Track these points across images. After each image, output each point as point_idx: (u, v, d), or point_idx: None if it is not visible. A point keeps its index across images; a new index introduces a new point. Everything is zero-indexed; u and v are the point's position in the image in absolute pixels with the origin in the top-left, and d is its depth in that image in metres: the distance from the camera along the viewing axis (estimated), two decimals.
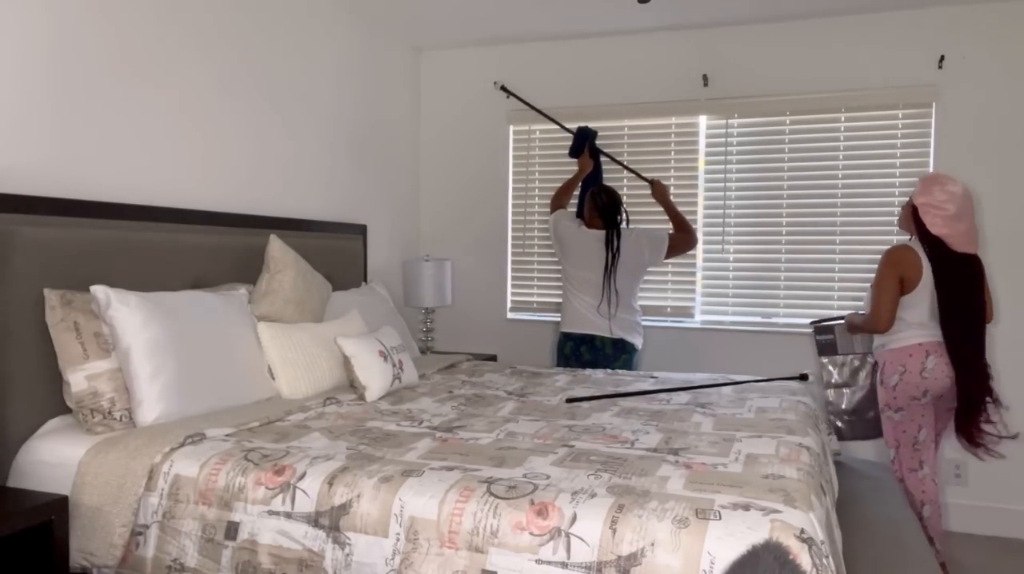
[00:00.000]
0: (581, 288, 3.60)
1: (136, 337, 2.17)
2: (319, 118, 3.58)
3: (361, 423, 2.30)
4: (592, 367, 3.59)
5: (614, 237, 3.54)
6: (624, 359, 3.56)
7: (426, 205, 4.57)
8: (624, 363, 3.57)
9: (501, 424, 2.31)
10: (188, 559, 1.82)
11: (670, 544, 1.49)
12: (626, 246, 3.54)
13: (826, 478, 2.10)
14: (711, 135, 4.01)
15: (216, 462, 1.89)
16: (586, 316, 3.58)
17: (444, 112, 4.48)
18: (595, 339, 3.58)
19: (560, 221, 3.73)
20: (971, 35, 3.58)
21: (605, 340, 3.55)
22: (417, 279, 4.00)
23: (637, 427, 2.29)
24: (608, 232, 3.55)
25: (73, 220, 2.25)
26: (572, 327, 3.61)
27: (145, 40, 2.58)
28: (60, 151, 2.30)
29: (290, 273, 2.81)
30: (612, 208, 3.59)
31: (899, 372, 2.92)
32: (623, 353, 3.56)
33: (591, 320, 3.57)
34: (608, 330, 3.54)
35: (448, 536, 1.63)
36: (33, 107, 2.21)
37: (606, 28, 4.00)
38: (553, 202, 3.88)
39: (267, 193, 3.24)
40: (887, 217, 3.73)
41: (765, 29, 3.88)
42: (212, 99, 2.90)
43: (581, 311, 3.59)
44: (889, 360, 2.96)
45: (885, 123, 3.73)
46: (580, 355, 3.62)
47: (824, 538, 1.53)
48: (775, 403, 2.66)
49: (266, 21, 3.18)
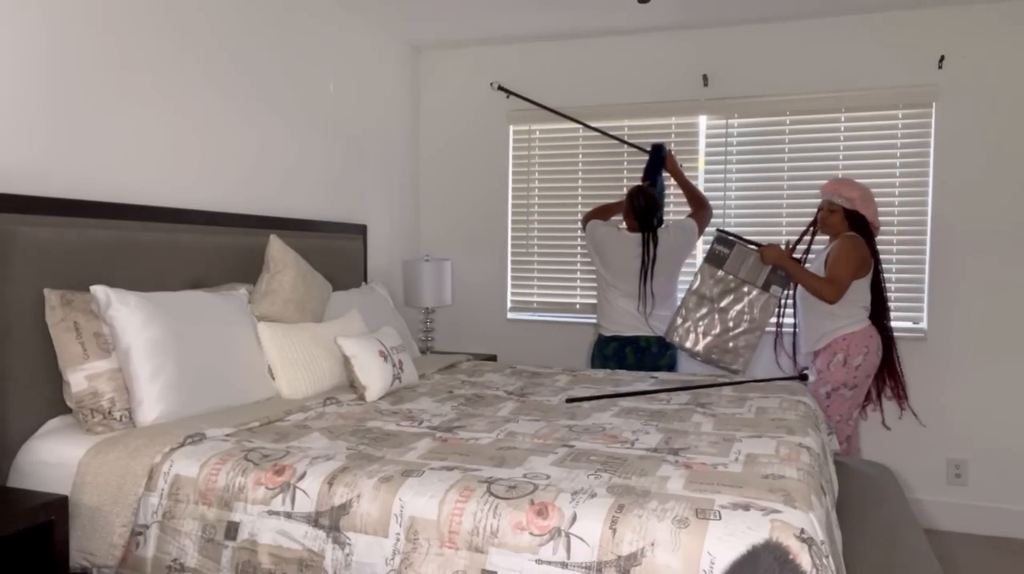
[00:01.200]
0: (623, 290, 3.59)
1: (136, 337, 2.17)
2: (319, 118, 3.58)
3: (361, 423, 2.30)
4: (637, 369, 3.59)
5: (650, 239, 3.55)
6: (670, 355, 3.59)
7: (426, 205, 4.57)
8: (670, 359, 3.59)
9: (501, 424, 2.31)
10: (188, 559, 1.82)
11: (670, 544, 1.49)
12: (663, 246, 3.55)
13: (826, 478, 2.10)
14: (711, 135, 4.01)
15: (216, 462, 1.89)
16: (629, 318, 3.59)
17: (444, 112, 4.48)
18: (639, 339, 3.58)
19: (597, 227, 3.69)
20: (971, 35, 3.58)
21: (650, 339, 3.58)
22: (417, 279, 4.00)
23: (637, 427, 2.29)
24: (644, 235, 3.55)
25: (73, 220, 2.25)
26: (616, 329, 3.61)
27: (144, 40, 2.58)
28: (60, 151, 2.30)
29: (290, 273, 2.81)
30: (649, 210, 3.57)
31: (863, 353, 3.23)
32: (669, 349, 3.59)
33: (634, 322, 3.58)
34: (651, 329, 3.57)
35: (448, 536, 1.63)
36: (33, 107, 2.21)
37: (606, 28, 4.00)
38: (586, 217, 3.84)
39: (267, 193, 3.24)
40: (887, 217, 3.73)
41: (765, 29, 3.88)
42: (212, 99, 2.90)
43: (625, 312, 3.60)
44: (853, 343, 3.24)
45: (885, 123, 3.73)
46: (624, 357, 3.61)
47: (824, 538, 1.53)
48: (775, 403, 2.66)
49: (265, 21, 3.18)
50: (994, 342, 3.60)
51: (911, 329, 3.73)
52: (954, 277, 3.65)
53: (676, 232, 3.62)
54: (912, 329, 3.73)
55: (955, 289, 3.65)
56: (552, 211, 4.31)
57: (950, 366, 3.66)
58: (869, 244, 3.31)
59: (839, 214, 3.33)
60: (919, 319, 3.73)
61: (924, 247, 3.70)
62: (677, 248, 3.61)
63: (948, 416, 3.67)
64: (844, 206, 3.31)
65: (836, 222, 3.35)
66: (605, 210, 3.86)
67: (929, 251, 3.68)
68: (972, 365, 3.64)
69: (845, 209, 3.32)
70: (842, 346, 3.24)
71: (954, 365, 3.66)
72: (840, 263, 3.20)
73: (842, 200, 3.31)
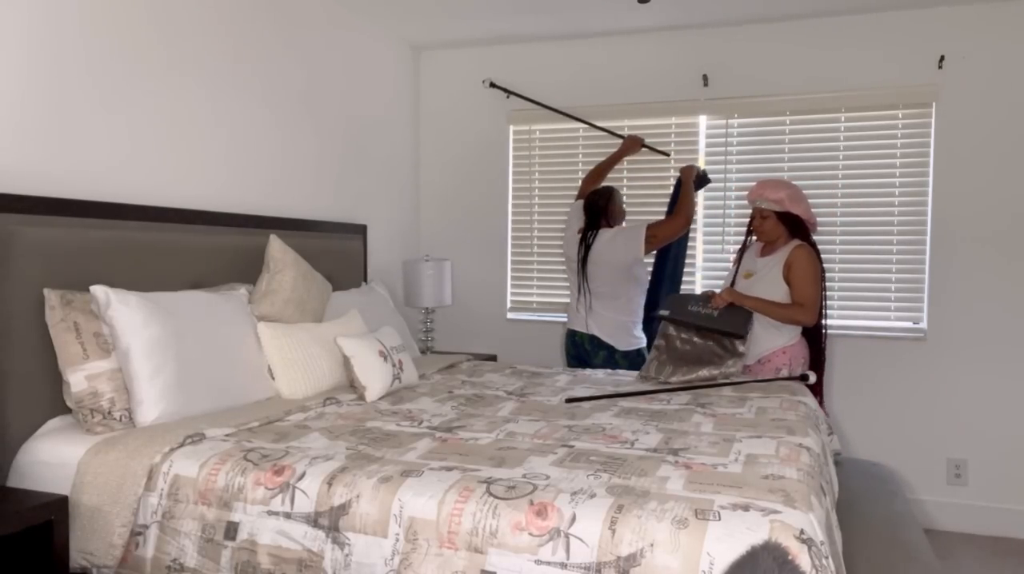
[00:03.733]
0: (569, 282, 3.67)
1: (136, 337, 2.17)
2: (319, 118, 3.58)
3: (361, 423, 2.30)
4: (578, 362, 3.63)
5: (590, 235, 3.49)
6: (602, 356, 3.53)
7: (426, 205, 4.57)
8: (604, 360, 3.53)
9: (501, 424, 2.31)
10: (188, 559, 1.82)
11: (669, 545, 1.49)
12: (598, 245, 3.46)
13: (826, 478, 2.10)
14: (711, 135, 4.01)
15: (216, 462, 1.89)
16: (572, 311, 3.64)
17: (444, 112, 4.48)
18: (575, 334, 3.61)
19: (573, 215, 3.69)
20: (971, 35, 3.58)
21: (583, 335, 3.56)
22: (417, 279, 4.00)
23: (637, 427, 2.29)
24: (586, 231, 3.52)
25: (73, 220, 2.25)
26: (569, 322, 3.68)
27: (144, 40, 2.58)
28: (60, 151, 2.30)
29: (290, 273, 2.81)
30: (595, 211, 3.51)
31: (801, 364, 3.20)
32: (600, 349, 3.52)
33: (574, 316, 3.62)
34: (585, 325, 3.54)
35: (447, 536, 1.63)
36: (33, 107, 2.21)
37: (606, 28, 4.00)
38: (583, 184, 3.83)
39: (267, 193, 3.24)
40: (887, 217, 3.73)
41: (765, 29, 3.88)
42: (212, 99, 2.90)
43: (571, 305, 3.66)
44: (793, 355, 3.19)
45: (885, 123, 3.73)
46: (568, 350, 3.69)
47: (824, 539, 1.53)
48: (775, 403, 2.66)
49: (266, 21, 3.18)
50: (994, 342, 3.60)
51: (911, 329, 3.73)
52: (954, 277, 3.65)
53: (617, 236, 3.46)
54: (912, 329, 3.73)
55: (955, 289, 3.65)
56: (552, 211, 4.31)
57: (950, 366, 3.66)
58: (813, 246, 3.20)
59: (772, 219, 3.20)
60: (919, 319, 3.73)
61: (924, 247, 3.70)
62: (615, 251, 3.44)
63: (948, 416, 3.67)
64: (775, 209, 3.18)
65: (771, 228, 3.22)
66: (597, 173, 3.84)
67: (929, 251, 3.68)
68: (972, 365, 3.63)
69: (777, 212, 3.19)
70: (784, 360, 3.18)
71: (954, 365, 3.66)
72: (806, 283, 3.10)
73: (769, 204, 3.17)
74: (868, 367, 3.77)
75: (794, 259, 3.14)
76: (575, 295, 3.59)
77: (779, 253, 3.22)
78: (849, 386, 3.80)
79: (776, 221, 3.21)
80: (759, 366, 3.23)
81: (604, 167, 3.85)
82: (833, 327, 3.75)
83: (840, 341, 3.78)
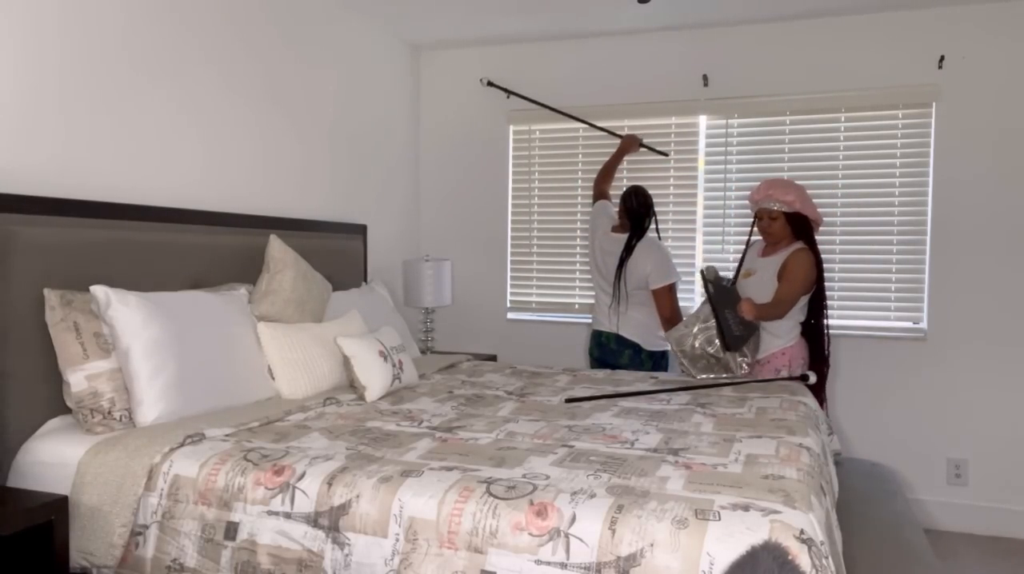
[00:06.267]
0: (595, 286, 3.71)
1: (136, 337, 2.17)
2: (319, 118, 3.58)
3: (361, 423, 2.30)
4: (601, 363, 3.66)
5: (633, 241, 3.52)
6: (628, 355, 3.57)
7: (426, 205, 4.57)
8: (629, 359, 3.57)
9: (501, 424, 2.31)
10: (187, 559, 1.82)
11: (669, 545, 1.49)
12: (634, 259, 3.49)
13: (826, 478, 2.10)
14: (711, 135, 4.01)
15: (216, 462, 1.89)
16: (597, 313, 3.69)
17: (444, 112, 4.48)
18: (601, 335, 3.65)
19: (598, 217, 3.73)
20: (971, 35, 3.58)
21: (609, 335, 3.61)
22: (417, 279, 4.00)
23: (637, 427, 2.29)
24: (630, 238, 3.53)
25: (73, 220, 2.25)
26: (595, 324, 3.73)
27: (145, 41, 2.58)
28: (61, 151, 2.30)
29: (290, 273, 2.81)
30: (641, 212, 3.54)
31: (801, 365, 3.22)
32: (626, 348, 3.56)
33: (598, 316, 3.68)
34: (612, 325, 3.59)
35: (447, 536, 1.63)
36: (34, 108, 2.21)
37: (606, 28, 4.00)
38: (595, 187, 3.89)
39: (267, 193, 3.24)
40: (887, 217, 3.73)
41: (765, 29, 3.88)
42: (212, 99, 2.90)
43: (597, 307, 3.71)
44: (792, 355, 3.22)
45: (885, 123, 3.73)
46: (592, 351, 3.72)
47: (824, 539, 1.53)
48: (775, 403, 2.66)
49: (265, 21, 3.18)
50: (994, 342, 3.60)
51: (911, 329, 3.73)
52: (954, 277, 3.65)
53: (648, 264, 3.46)
54: (912, 329, 3.73)
55: (955, 289, 3.65)
56: (552, 211, 4.31)
57: (950, 366, 3.66)
58: (813, 248, 3.22)
59: (781, 220, 3.22)
60: (919, 319, 3.72)
61: (924, 247, 3.69)
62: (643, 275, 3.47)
63: (948, 416, 3.67)
64: (785, 211, 3.19)
65: (779, 228, 3.23)
66: (606, 172, 3.90)
67: (929, 251, 3.68)
68: (972, 365, 3.63)
69: (786, 213, 3.21)
70: (783, 361, 3.22)
71: (954, 365, 3.66)
72: (789, 283, 3.14)
73: (781, 205, 3.18)
74: (868, 367, 3.77)
75: (790, 260, 3.18)
76: (603, 296, 3.63)
77: (780, 254, 3.24)
78: (849, 386, 3.80)
79: (784, 222, 3.23)
80: (759, 366, 3.24)
81: (610, 166, 3.92)
82: (833, 327, 3.75)
83: (840, 341, 3.78)
